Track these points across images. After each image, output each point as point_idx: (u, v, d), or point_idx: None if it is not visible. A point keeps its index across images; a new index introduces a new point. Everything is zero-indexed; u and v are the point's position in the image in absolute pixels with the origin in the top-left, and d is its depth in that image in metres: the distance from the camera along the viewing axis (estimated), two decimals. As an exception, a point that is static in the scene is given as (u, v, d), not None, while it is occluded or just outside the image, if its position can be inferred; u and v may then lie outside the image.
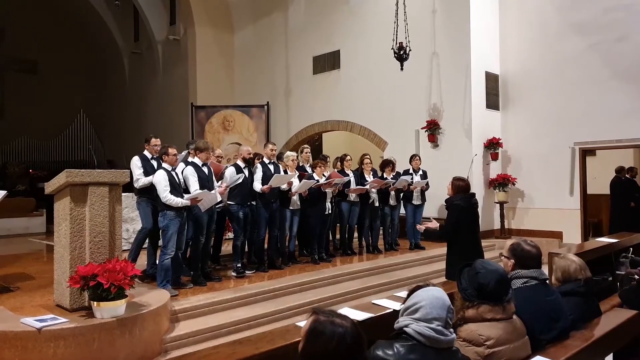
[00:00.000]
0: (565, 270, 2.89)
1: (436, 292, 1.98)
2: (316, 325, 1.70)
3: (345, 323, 1.68)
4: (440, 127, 9.64)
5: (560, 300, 2.61)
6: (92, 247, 4.10)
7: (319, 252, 7.03)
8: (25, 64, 17.39)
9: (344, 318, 1.71)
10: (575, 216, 9.18)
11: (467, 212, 4.41)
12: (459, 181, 4.50)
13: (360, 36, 10.93)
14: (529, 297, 2.51)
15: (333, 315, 1.73)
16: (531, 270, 2.64)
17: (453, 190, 4.46)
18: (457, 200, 4.38)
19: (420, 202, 8.27)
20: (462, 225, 4.35)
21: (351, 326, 1.68)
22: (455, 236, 4.37)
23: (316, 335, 1.68)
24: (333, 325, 1.67)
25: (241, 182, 5.91)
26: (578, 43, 9.02)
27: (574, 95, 9.10)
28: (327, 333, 1.66)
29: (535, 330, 2.42)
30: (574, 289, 2.83)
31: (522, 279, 2.63)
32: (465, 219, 4.38)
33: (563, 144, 9.24)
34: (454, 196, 4.42)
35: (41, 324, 3.57)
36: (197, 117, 12.33)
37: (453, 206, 4.39)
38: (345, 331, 1.65)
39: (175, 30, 14.35)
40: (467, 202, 4.41)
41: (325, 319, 1.71)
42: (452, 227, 4.37)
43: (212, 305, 4.90)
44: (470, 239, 4.41)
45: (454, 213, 4.39)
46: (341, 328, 1.66)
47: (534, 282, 2.62)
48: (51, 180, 4.22)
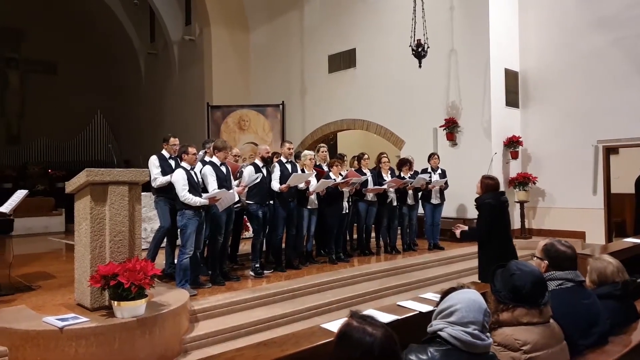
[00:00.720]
0: (601, 272, 2.78)
1: (472, 295, 1.89)
2: (346, 329, 1.63)
3: (376, 333, 1.59)
4: (459, 125, 9.49)
5: (598, 304, 2.50)
6: (112, 246, 4.08)
7: (337, 252, 6.96)
8: (44, 66, 17.66)
9: (377, 327, 1.62)
10: (599, 216, 8.95)
11: (498, 210, 4.31)
12: (488, 179, 4.41)
13: (377, 34, 10.83)
14: (565, 300, 2.41)
15: (367, 322, 1.64)
16: (567, 272, 2.53)
17: (482, 188, 4.37)
18: (488, 198, 4.28)
19: (439, 202, 8.15)
20: (496, 225, 4.25)
21: (382, 337, 1.58)
22: (488, 236, 4.27)
23: (344, 341, 1.61)
24: (363, 334, 1.58)
25: (260, 182, 5.86)
26: (601, 38, 8.80)
27: (596, 92, 8.87)
28: (354, 340, 1.58)
29: (573, 335, 2.32)
30: (611, 291, 2.70)
31: (557, 280, 2.52)
32: (496, 218, 4.28)
33: (586, 142, 9.01)
34: (483, 195, 4.33)
35: (63, 323, 3.56)
36: (213, 117, 12.33)
37: (484, 205, 4.29)
38: (374, 341, 1.55)
39: (190, 31, 14.40)
40: (497, 201, 4.32)
41: (358, 325, 1.63)
42: (485, 226, 4.27)
43: (231, 305, 4.86)
44: (502, 238, 4.31)
45: (485, 212, 4.29)
46: (370, 337, 1.56)
47: (570, 284, 2.51)
48: (71, 180, 4.21)
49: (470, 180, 8.96)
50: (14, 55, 17.23)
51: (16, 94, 17.51)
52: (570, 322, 2.34)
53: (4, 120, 17.46)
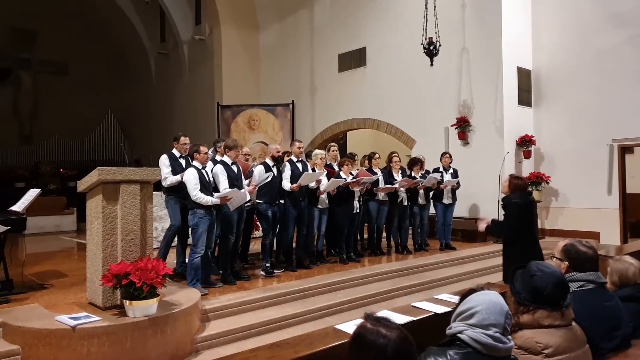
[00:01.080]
0: (622, 273, 2.70)
1: (493, 297, 1.84)
2: (360, 332, 1.60)
3: (390, 334, 1.55)
4: (471, 124, 9.40)
5: (620, 306, 2.43)
6: (124, 245, 4.08)
7: (347, 252, 6.91)
8: (56, 66, 17.81)
9: (392, 328, 1.58)
10: (614, 216, 8.81)
11: (525, 210, 4.27)
12: (517, 179, 4.39)
13: (387, 33, 10.76)
14: (586, 302, 2.34)
15: (381, 324, 1.60)
16: (588, 273, 2.47)
17: (510, 188, 4.34)
18: (515, 198, 4.23)
19: (451, 202, 8.07)
20: (522, 224, 4.21)
21: (397, 339, 1.54)
22: (515, 236, 4.23)
23: (358, 343, 1.58)
24: (377, 335, 1.55)
25: (270, 181, 5.84)
26: (614, 36, 8.66)
27: (611, 90, 8.73)
28: (368, 343, 1.54)
29: (595, 338, 2.25)
30: (633, 294, 2.63)
31: (578, 282, 2.46)
32: (523, 218, 4.24)
33: (600, 141, 8.88)
34: (511, 194, 4.28)
35: (75, 322, 3.56)
36: (223, 116, 12.35)
37: (512, 204, 4.25)
38: (387, 344, 1.52)
39: (200, 30, 14.43)
40: (525, 200, 4.28)
41: (372, 327, 1.59)
42: (513, 225, 4.23)
43: (242, 305, 4.84)
44: (529, 238, 4.27)
45: (513, 211, 4.25)
46: (384, 340, 1.53)
47: (592, 286, 2.44)
48: (83, 179, 4.21)
49: (482, 179, 8.95)
50: (26, 55, 17.39)
51: (28, 94, 17.69)
52: (593, 325, 2.27)
53: (16, 120, 17.65)
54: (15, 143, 17.19)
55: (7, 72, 17.18)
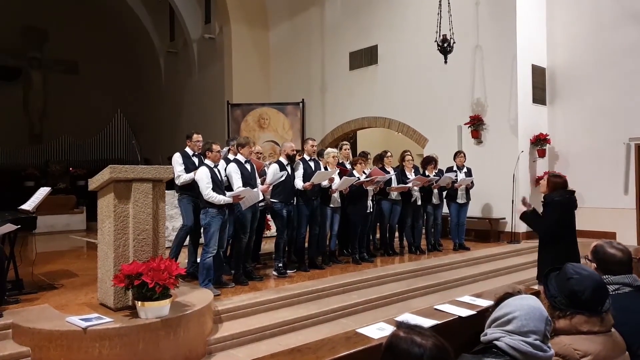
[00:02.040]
0: (659, 276, 2.57)
1: (532, 302, 1.73)
2: (393, 340, 1.49)
3: (426, 343, 1.45)
4: (485, 122, 9.25)
5: (659, 311, 2.30)
6: (135, 245, 4.00)
7: (360, 252, 6.81)
8: (66, 65, 17.86)
9: (427, 336, 1.48)
10: (631, 216, 8.64)
11: (566, 209, 4.14)
12: (556, 178, 4.27)
13: (399, 30, 10.63)
14: (623, 307, 2.21)
15: (415, 332, 1.50)
16: (623, 276, 2.34)
17: (549, 187, 4.22)
18: (557, 197, 4.11)
19: (465, 201, 7.94)
20: (562, 224, 4.09)
21: (433, 347, 1.44)
22: (553, 235, 4.11)
23: (391, 353, 1.48)
24: (411, 344, 1.45)
25: (284, 180, 5.74)
26: (631, 33, 8.48)
27: (628, 87, 8.55)
28: (402, 352, 1.44)
29: (633, 345, 2.13)
30: (670, 297, 2.50)
31: (613, 285, 2.33)
32: (565, 217, 4.11)
33: (616, 140, 8.70)
34: (552, 193, 4.16)
35: (86, 324, 3.48)
36: (233, 115, 12.29)
37: (553, 203, 4.13)
38: (424, 353, 1.42)
39: (210, 29, 14.38)
40: (567, 200, 4.15)
41: (405, 336, 1.49)
42: (552, 225, 4.11)
43: (255, 306, 4.74)
44: (567, 239, 4.15)
45: (554, 210, 4.12)
46: (419, 348, 1.42)
47: (627, 290, 2.32)
48: (95, 177, 4.14)
49: (495, 179, 8.80)
50: (36, 54, 17.45)
51: (39, 93, 17.76)
52: (630, 330, 2.15)
53: (26, 119, 17.71)
54: (25, 142, 17.25)
55: (18, 71, 17.25)
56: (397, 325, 1.54)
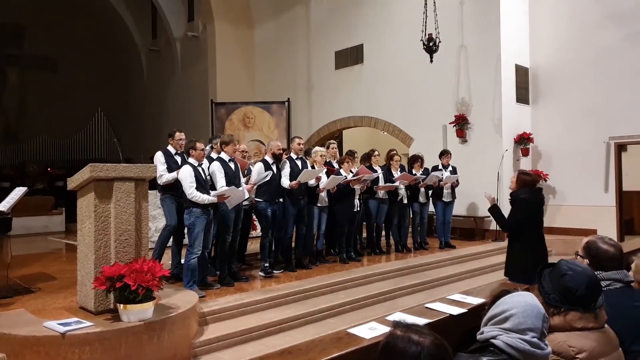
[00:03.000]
0: (649, 272, 2.57)
1: (529, 299, 1.69)
2: (389, 340, 1.45)
3: (423, 341, 1.41)
4: (469, 122, 9.29)
5: (650, 306, 2.29)
6: (117, 246, 3.87)
7: (347, 251, 6.76)
8: (44, 62, 17.44)
9: (424, 334, 1.44)
10: (611, 213, 8.76)
11: (533, 207, 4.15)
12: (525, 175, 4.28)
13: (385, 29, 10.62)
14: (614, 303, 2.19)
15: (412, 330, 1.46)
16: (614, 272, 2.33)
17: (518, 184, 4.23)
18: (523, 194, 4.12)
19: (451, 199, 7.95)
20: (527, 221, 4.09)
21: (431, 345, 1.40)
22: (518, 232, 4.12)
23: (388, 353, 1.43)
24: (408, 343, 1.41)
25: (270, 179, 5.65)
26: (613, 34, 8.59)
27: (609, 88, 8.67)
28: (399, 351, 1.40)
29: (625, 341, 2.11)
30: (660, 293, 2.50)
31: (604, 281, 2.31)
32: (531, 214, 4.13)
33: (597, 139, 8.82)
34: (519, 190, 4.17)
35: (65, 328, 3.34)
36: (217, 113, 12.14)
37: (519, 200, 4.15)
38: (421, 351, 1.38)
39: (193, 27, 14.20)
40: (534, 197, 4.17)
41: (402, 334, 1.44)
42: (517, 220, 4.12)
43: (242, 307, 4.65)
44: (535, 235, 4.18)
45: (520, 207, 4.15)
46: (417, 347, 1.39)
47: (618, 285, 2.31)
48: (74, 176, 4.00)
49: (480, 178, 8.83)
50: (13, 51, 17.00)
51: (15, 91, 17.31)
52: (622, 326, 2.13)
53: (2, 118, 17.25)
54: (1, 142, 16.80)
55: (-6, 69, 16.81)
56: (394, 324, 1.49)
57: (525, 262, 4.12)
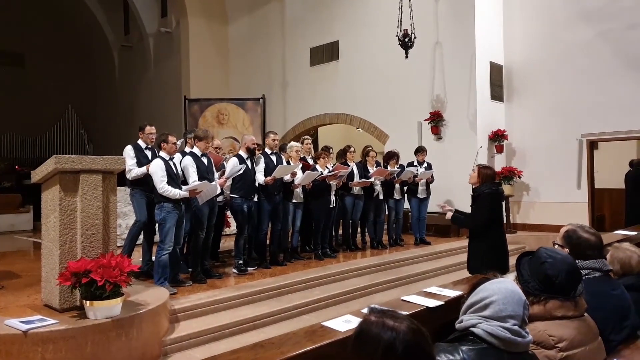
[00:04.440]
0: (625, 262, 2.57)
1: (510, 285, 1.64)
2: (363, 326, 1.37)
3: (399, 326, 1.33)
4: (444, 119, 9.33)
5: (627, 295, 2.29)
6: (84, 240, 3.70)
7: (323, 248, 6.69)
8: (10, 57, 16.80)
9: (399, 319, 1.36)
10: (583, 210, 8.91)
11: (495, 201, 4.13)
12: (487, 169, 4.22)
13: (360, 26, 10.59)
14: (593, 291, 2.18)
15: (387, 315, 1.38)
16: (593, 261, 2.33)
17: (480, 178, 4.17)
18: (486, 189, 4.09)
19: (426, 196, 7.96)
20: (491, 216, 4.07)
21: (407, 330, 1.32)
22: (483, 227, 4.09)
23: (362, 339, 1.35)
24: (383, 328, 1.32)
25: (245, 175, 5.53)
26: (586, 31, 8.75)
27: (581, 85, 8.82)
28: (373, 337, 1.32)
29: (605, 330, 2.10)
30: (635, 283, 2.50)
31: (583, 270, 2.30)
32: (492, 209, 4.10)
33: (570, 136, 8.96)
34: (482, 185, 4.13)
35: (27, 326, 3.18)
36: (191, 110, 11.91)
37: (484, 195, 4.10)
38: (396, 337, 1.30)
39: (166, 23, 13.91)
40: (495, 191, 4.14)
41: (376, 319, 1.36)
42: (484, 217, 4.09)
43: (214, 304, 4.54)
44: (497, 230, 4.15)
45: (485, 202, 4.10)
46: (391, 332, 1.30)
47: (597, 274, 2.30)
48: (38, 168, 3.82)
49: (455, 174, 8.87)
50: (-23, 45, 16.35)
51: (-20, 86, 16.64)
52: (602, 315, 2.12)
53: (-33, 114, 16.57)
54: (-35, 139, 16.16)
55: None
56: (369, 310, 1.41)
57: (490, 257, 4.08)
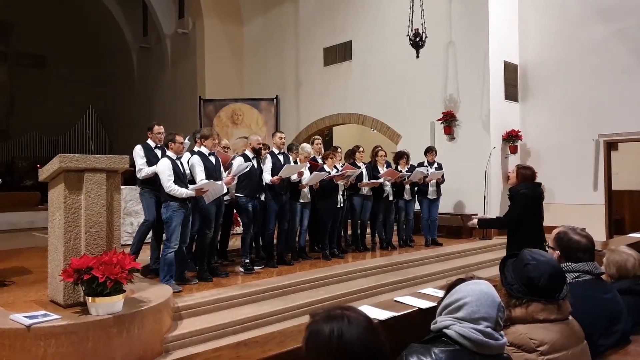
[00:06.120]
0: (621, 265, 2.52)
1: (484, 287, 1.62)
2: (311, 329, 1.36)
3: (344, 314, 1.34)
4: (457, 119, 9.24)
5: (619, 299, 2.24)
6: (87, 238, 3.78)
7: (331, 248, 6.69)
8: (34, 59, 17.28)
9: (341, 309, 1.37)
10: (600, 212, 8.72)
11: (533, 202, 4.10)
12: (525, 169, 4.21)
13: (373, 26, 10.56)
14: (583, 295, 2.14)
15: (327, 311, 1.38)
16: (584, 264, 2.28)
17: (518, 178, 4.19)
18: (523, 189, 4.07)
19: (436, 197, 7.89)
20: (526, 216, 4.03)
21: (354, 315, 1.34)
22: (518, 228, 4.06)
23: (313, 340, 1.34)
24: (330, 322, 1.33)
25: (250, 174, 5.57)
26: (603, 29, 8.56)
27: (598, 85, 8.64)
28: (323, 334, 1.32)
29: (593, 334, 2.06)
30: (631, 287, 2.45)
31: (574, 273, 2.26)
32: (530, 210, 4.07)
33: (586, 137, 8.78)
34: (519, 185, 4.11)
35: (31, 321, 3.27)
36: (206, 110, 12.05)
37: (519, 195, 4.09)
38: (346, 324, 1.31)
39: (183, 24, 14.10)
40: (533, 192, 4.12)
41: (320, 317, 1.37)
42: (517, 216, 4.07)
43: (218, 302, 4.58)
44: (533, 231, 4.10)
45: (519, 202, 4.09)
46: (339, 321, 1.31)
47: (588, 277, 2.25)
48: (45, 166, 3.92)
49: (468, 175, 8.79)
50: (1, 48, 16.84)
51: (5, 88, 17.14)
52: (590, 319, 2.08)
53: (-8, 114, 17.11)
54: (-10, 139, 16.66)
55: (-18, 65, 16.64)
56: (311, 314, 1.42)
57: None
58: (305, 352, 1.36)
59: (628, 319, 2.21)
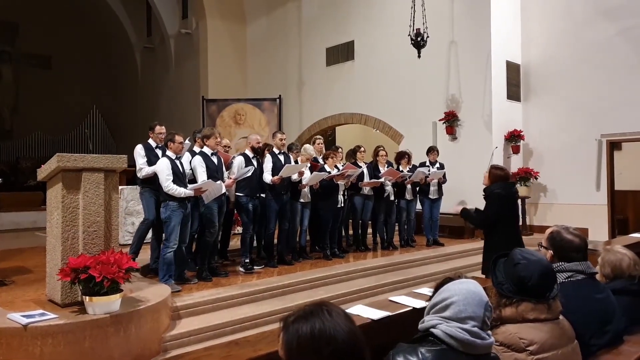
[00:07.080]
0: (616, 265, 2.50)
1: (471, 286, 1.61)
2: (288, 332, 1.36)
3: (328, 308, 1.35)
4: (459, 118, 9.21)
5: (613, 299, 2.23)
6: (85, 237, 3.80)
7: (331, 248, 6.69)
8: (38, 59, 17.37)
9: (314, 307, 1.38)
10: (602, 212, 8.66)
11: (507, 201, 4.09)
12: (498, 170, 4.22)
13: (376, 26, 10.55)
14: (575, 294, 2.13)
15: (302, 310, 1.39)
16: (577, 263, 2.27)
17: (490, 179, 4.18)
18: (497, 189, 4.07)
19: (437, 197, 7.86)
20: (502, 216, 4.03)
21: (335, 313, 1.34)
22: (494, 227, 4.06)
23: (291, 344, 1.33)
24: (307, 320, 1.33)
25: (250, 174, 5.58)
26: (606, 29, 8.50)
27: (601, 84, 8.58)
28: (304, 334, 1.32)
29: (585, 334, 2.04)
30: (626, 286, 2.43)
31: (566, 272, 2.25)
32: (505, 209, 4.07)
33: (589, 136, 8.72)
34: (492, 185, 4.11)
35: (27, 320, 3.29)
36: (209, 110, 12.06)
37: (493, 195, 4.09)
38: (323, 322, 1.32)
39: (187, 24, 14.15)
40: (507, 191, 4.12)
41: (295, 319, 1.37)
42: (493, 216, 4.06)
43: (216, 302, 4.59)
44: (510, 231, 4.13)
45: (494, 202, 4.09)
46: (317, 319, 1.32)
47: (581, 277, 2.24)
48: (43, 166, 3.95)
49: (470, 175, 8.74)
50: (7, 48, 16.95)
51: (9, 88, 17.24)
52: (582, 319, 2.07)
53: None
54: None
55: (-13, 65, 16.75)
56: (282, 319, 1.42)
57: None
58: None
59: (621, 319, 2.20)
